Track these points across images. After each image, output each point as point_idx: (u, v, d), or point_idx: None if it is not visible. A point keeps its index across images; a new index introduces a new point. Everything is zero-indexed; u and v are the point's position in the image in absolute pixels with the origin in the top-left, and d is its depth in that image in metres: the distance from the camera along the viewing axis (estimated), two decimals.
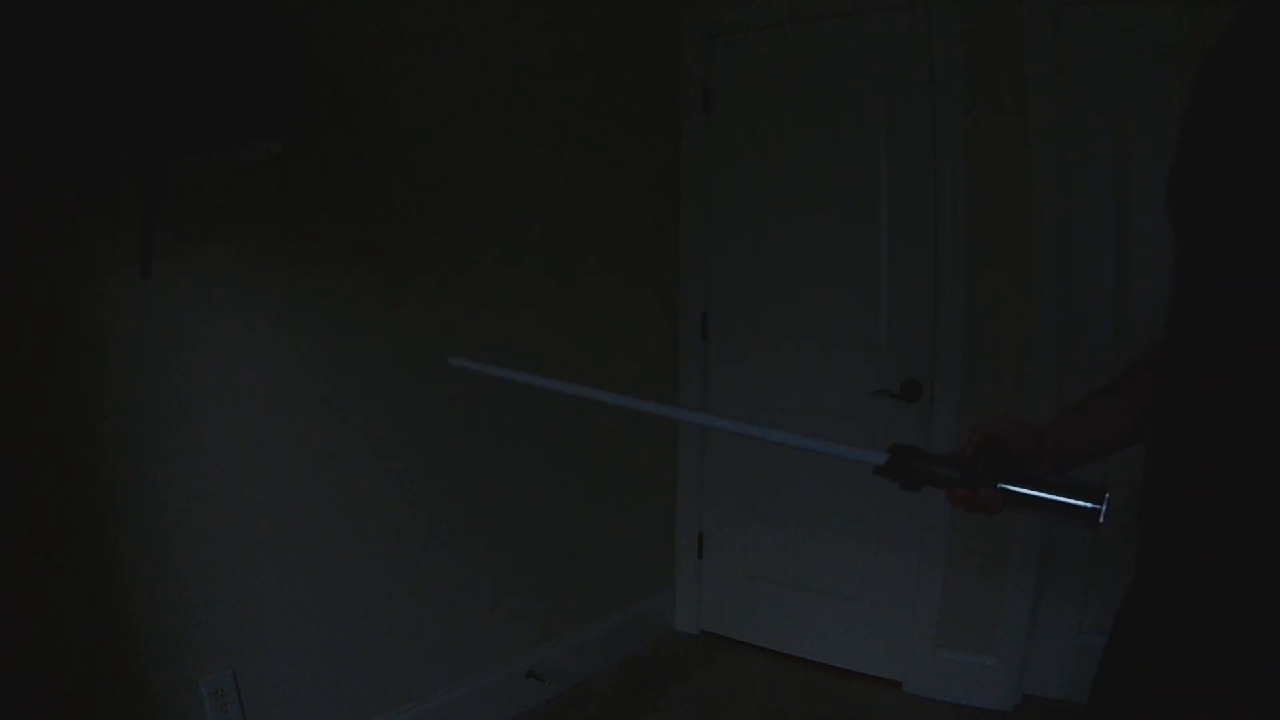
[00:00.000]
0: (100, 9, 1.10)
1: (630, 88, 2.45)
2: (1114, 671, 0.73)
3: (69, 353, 1.35)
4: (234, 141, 1.29)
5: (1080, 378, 1.98)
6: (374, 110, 1.76)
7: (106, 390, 1.40)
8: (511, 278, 2.10)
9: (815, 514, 2.50)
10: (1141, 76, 1.96)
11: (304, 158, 1.57)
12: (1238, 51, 0.63)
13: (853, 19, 2.31)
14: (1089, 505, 0.69)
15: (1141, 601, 0.69)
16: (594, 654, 2.46)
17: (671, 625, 2.82)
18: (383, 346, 1.82)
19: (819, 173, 2.41)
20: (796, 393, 2.48)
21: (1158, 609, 0.67)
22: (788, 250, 2.48)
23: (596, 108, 2.33)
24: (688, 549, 2.78)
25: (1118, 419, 0.83)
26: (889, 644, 2.41)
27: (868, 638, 2.45)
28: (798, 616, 2.57)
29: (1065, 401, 2.08)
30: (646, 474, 2.68)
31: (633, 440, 2.59)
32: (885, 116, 2.28)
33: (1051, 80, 2.04)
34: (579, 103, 2.27)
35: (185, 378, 1.49)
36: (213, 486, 1.55)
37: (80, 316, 1.35)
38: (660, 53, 2.56)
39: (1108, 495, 0.68)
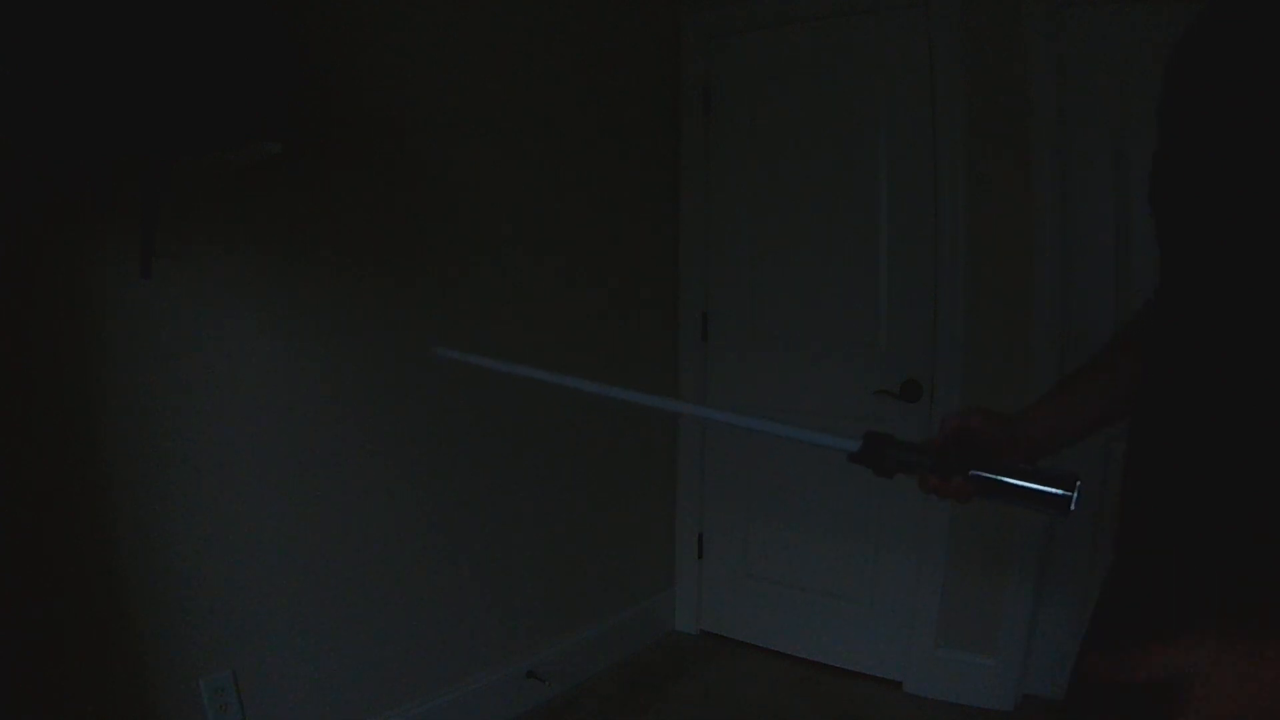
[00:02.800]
0: (100, 9, 1.10)
1: (630, 87, 2.45)
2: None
3: (69, 353, 1.35)
4: (234, 141, 1.29)
5: None
6: (374, 110, 1.76)
7: (106, 390, 1.39)
8: (511, 278, 2.10)
9: (815, 514, 2.50)
10: (1141, 77, 1.96)
11: (304, 158, 1.57)
12: (1225, 42, 0.62)
13: (853, 19, 2.31)
14: (1059, 492, 0.69)
15: (1142, 596, 0.70)
16: (594, 654, 2.46)
17: (671, 625, 2.82)
18: (382, 347, 1.82)
19: (819, 173, 2.41)
20: (796, 393, 2.48)
21: (1161, 606, 0.67)
22: (788, 250, 2.48)
23: (596, 107, 2.33)
24: (688, 549, 2.78)
25: (1087, 405, 0.84)
26: (889, 644, 2.41)
27: (868, 638, 2.45)
28: (798, 616, 2.57)
29: None
30: (646, 474, 2.68)
31: (633, 441, 2.59)
32: (885, 116, 2.28)
33: (1052, 80, 2.04)
34: (579, 102, 2.27)
35: (185, 378, 1.49)
36: (213, 486, 1.55)
37: (80, 316, 1.35)
38: (660, 53, 2.56)
39: (1079, 483, 0.69)
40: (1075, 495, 0.69)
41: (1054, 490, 0.69)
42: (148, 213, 1.34)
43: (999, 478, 0.72)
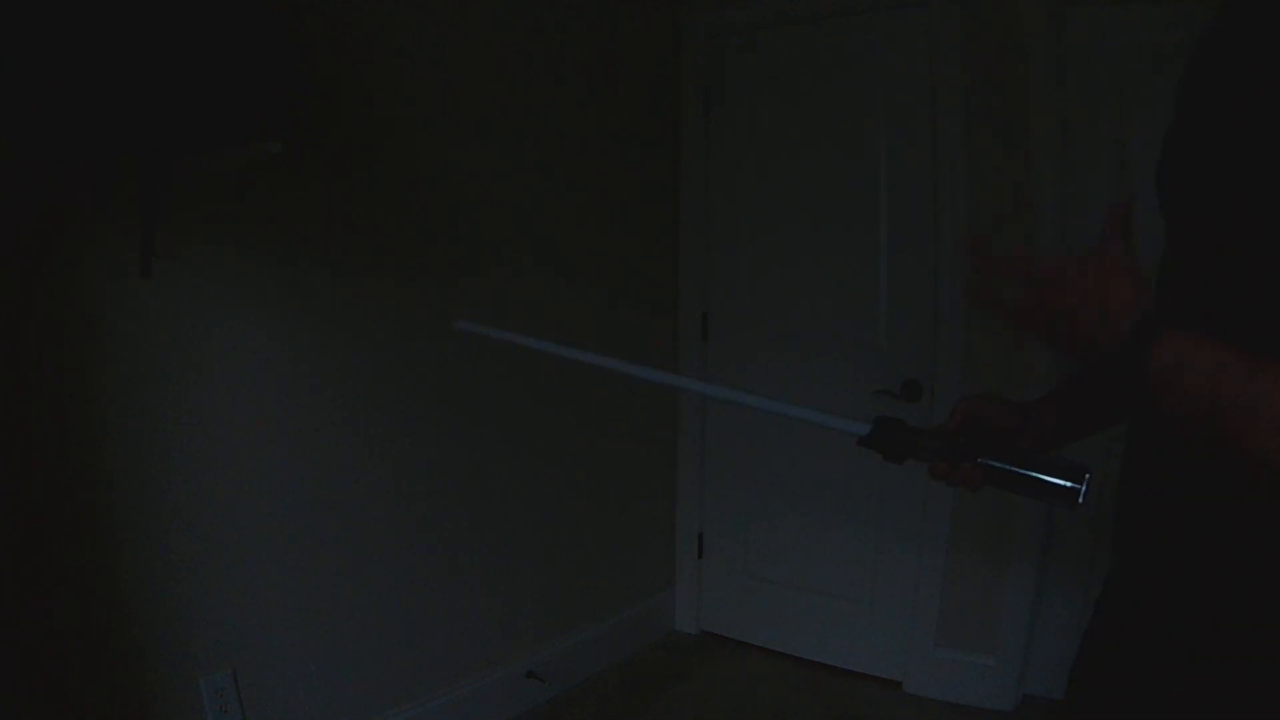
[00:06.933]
0: (100, 9, 1.10)
1: (630, 88, 2.45)
2: (1108, 669, 0.73)
3: (69, 353, 1.35)
4: (234, 141, 1.29)
5: None
6: (374, 110, 1.76)
7: (106, 390, 1.40)
8: (511, 278, 2.10)
9: (815, 513, 2.49)
10: (1142, 78, 1.96)
11: (304, 158, 1.57)
12: (1242, 34, 0.62)
13: (853, 19, 2.31)
14: (1069, 485, 0.68)
15: (1140, 600, 0.69)
16: (594, 654, 2.46)
17: (671, 625, 2.82)
18: (383, 347, 1.82)
19: (819, 173, 2.41)
20: (796, 393, 2.45)
21: (1162, 608, 0.66)
22: (788, 250, 2.48)
23: (597, 108, 2.33)
24: (688, 549, 2.78)
25: (1100, 399, 0.83)
26: (889, 644, 2.41)
27: (868, 637, 2.45)
28: (798, 616, 2.57)
29: None
30: (646, 474, 2.68)
31: (633, 440, 2.58)
32: (885, 116, 2.28)
33: (1052, 81, 2.04)
34: (579, 103, 2.27)
35: (185, 378, 1.49)
36: (213, 486, 1.55)
37: (80, 316, 1.35)
38: (660, 53, 2.56)
39: (1089, 475, 0.68)
40: (1084, 488, 0.68)
41: (1063, 482, 0.68)
42: (148, 213, 1.34)
43: (1008, 467, 0.71)
